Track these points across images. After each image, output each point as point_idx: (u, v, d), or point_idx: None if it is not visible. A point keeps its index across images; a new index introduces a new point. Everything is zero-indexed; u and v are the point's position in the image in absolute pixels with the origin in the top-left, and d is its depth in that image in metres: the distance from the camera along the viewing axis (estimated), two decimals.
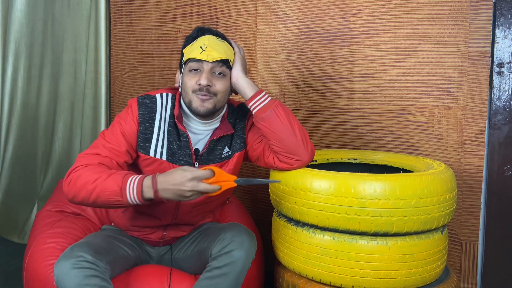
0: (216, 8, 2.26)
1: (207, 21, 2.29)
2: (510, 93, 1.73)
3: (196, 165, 1.48)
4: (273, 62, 2.14)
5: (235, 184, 1.31)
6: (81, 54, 2.73)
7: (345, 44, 1.96)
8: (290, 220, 1.54)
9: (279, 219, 1.60)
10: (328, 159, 1.83)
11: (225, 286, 1.34)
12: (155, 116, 1.47)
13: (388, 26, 1.88)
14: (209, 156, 1.51)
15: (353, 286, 1.40)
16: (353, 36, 1.94)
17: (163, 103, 1.50)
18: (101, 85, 2.72)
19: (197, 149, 1.50)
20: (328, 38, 1.99)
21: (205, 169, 1.28)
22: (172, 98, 1.52)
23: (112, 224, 1.65)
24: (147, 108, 1.47)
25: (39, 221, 1.76)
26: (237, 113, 1.60)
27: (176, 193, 1.26)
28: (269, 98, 1.48)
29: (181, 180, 1.25)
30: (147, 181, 1.28)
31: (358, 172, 1.41)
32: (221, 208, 1.77)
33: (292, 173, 1.48)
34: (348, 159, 1.84)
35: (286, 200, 1.49)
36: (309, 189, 1.40)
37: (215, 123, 1.52)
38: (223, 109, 1.53)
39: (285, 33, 2.09)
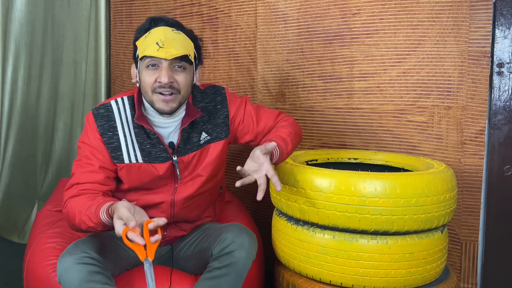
0: (216, 8, 2.27)
1: (207, 21, 2.29)
2: (510, 93, 1.73)
3: (175, 158, 1.46)
4: (273, 62, 2.14)
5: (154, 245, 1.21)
6: (81, 54, 2.73)
7: (345, 44, 1.96)
8: (290, 218, 1.54)
9: (279, 218, 1.60)
10: (328, 159, 1.83)
11: (226, 287, 1.33)
12: (115, 123, 1.44)
13: (388, 26, 1.88)
14: (186, 145, 1.48)
15: (353, 285, 1.41)
16: (353, 36, 1.95)
17: (119, 108, 1.46)
18: (101, 85, 2.72)
19: (171, 142, 1.47)
20: (328, 38, 2.00)
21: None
22: (129, 100, 1.48)
23: None
24: (104, 118, 1.44)
25: (39, 221, 1.76)
26: (209, 96, 1.55)
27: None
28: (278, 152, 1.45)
29: (116, 215, 1.22)
30: (110, 210, 1.27)
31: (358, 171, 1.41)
32: (221, 204, 1.76)
33: (293, 171, 1.48)
34: (349, 159, 1.84)
35: (286, 198, 1.49)
36: (310, 187, 1.41)
37: (180, 113, 1.47)
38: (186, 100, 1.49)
39: (285, 33, 2.10)
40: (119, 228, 1.17)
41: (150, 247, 1.18)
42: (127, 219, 1.17)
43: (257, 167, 1.33)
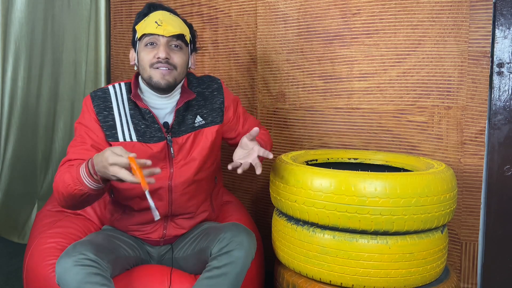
0: (216, 8, 2.27)
1: (207, 21, 2.29)
2: (510, 93, 1.73)
3: (169, 137, 1.50)
4: (273, 62, 2.14)
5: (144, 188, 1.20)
6: (81, 54, 2.73)
7: (345, 44, 1.96)
8: (290, 218, 1.54)
9: (279, 218, 1.60)
10: (328, 159, 1.83)
11: (225, 286, 1.34)
12: (111, 104, 1.50)
13: (388, 26, 1.88)
14: (180, 127, 1.52)
15: (353, 285, 1.41)
16: (353, 36, 1.95)
17: (116, 91, 1.53)
18: (101, 85, 2.72)
19: (166, 123, 1.52)
20: (328, 38, 2.00)
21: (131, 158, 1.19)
22: (126, 85, 1.55)
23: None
24: (101, 99, 1.51)
25: (39, 221, 1.76)
26: (205, 83, 1.63)
27: (105, 173, 1.21)
28: None
29: (104, 164, 1.20)
30: (89, 164, 1.27)
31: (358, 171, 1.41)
32: (218, 199, 1.76)
33: (292, 171, 1.48)
34: (349, 159, 1.84)
35: (286, 198, 1.49)
36: (310, 187, 1.41)
37: (176, 95, 1.54)
38: (181, 82, 1.56)
39: (285, 33, 2.10)
40: (120, 160, 1.17)
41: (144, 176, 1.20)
42: (125, 154, 1.18)
43: (247, 152, 1.44)
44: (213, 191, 1.69)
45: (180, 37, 1.47)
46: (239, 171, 1.38)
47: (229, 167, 1.38)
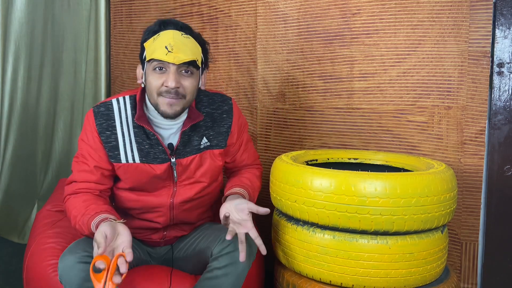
0: (216, 8, 2.27)
1: (207, 21, 2.29)
2: (510, 93, 1.73)
3: (173, 160, 1.45)
4: (273, 62, 2.14)
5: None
6: (81, 54, 2.73)
7: (345, 44, 1.96)
8: (290, 218, 1.54)
9: (279, 218, 1.60)
10: (328, 159, 1.83)
11: (226, 287, 1.34)
12: (114, 122, 1.44)
13: (388, 26, 1.88)
14: (185, 148, 1.47)
15: (353, 285, 1.40)
16: (353, 36, 1.95)
17: (120, 107, 1.46)
18: (101, 85, 2.72)
19: (171, 144, 1.47)
20: (328, 38, 2.00)
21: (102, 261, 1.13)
22: (130, 100, 1.47)
23: None
24: (104, 116, 1.44)
25: (39, 221, 1.76)
26: (216, 103, 1.55)
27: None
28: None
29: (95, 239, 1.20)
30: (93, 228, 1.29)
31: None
32: (219, 205, 1.76)
33: (293, 171, 1.48)
34: (349, 159, 1.84)
35: (286, 198, 1.49)
36: (310, 187, 1.40)
37: (182, 116, 1.46)
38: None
39: (285, 33, 2.10)
40: (94, 252, 1.19)
41: (110, 285, 1.12)
42: (98, 244, 1.16)
43: (240, 221, 1.36)
44: (217, 201, 1.69)
45: (192, 63, 1.37)
46: (228, 237, 1.31)
47: (228, 237, 1.31)
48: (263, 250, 1.33)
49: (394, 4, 1.86)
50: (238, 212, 1.36)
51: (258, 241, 1.33)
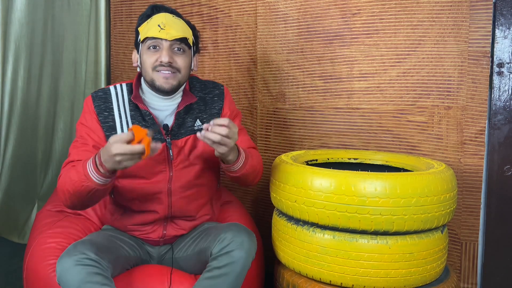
0: (216, 8, 2.27)
1: (207, 21, 2.29)
2: (510, 93, 1.73)
3: (168, 139, 1.49)
4: (273, 62, 2.14)
5: (149, 139, 1.21)
6: (81, 54, 2.73)
7: (345, 44, 1.96)
8: (290, 218, 1.54)
9: (279, 218, 1.60)
10: (328, 159, 1.83)
11: (225, 286, 1.33)
12: (111, 105, 1.50)
13: (388, 26, 1.88)
14: (180, 129, 1.52)
15: (353, 285, 1.41)
16: (353, 36, 1.95)
17: (117, 92, 1.53)
18: (101, 85, 2.72)
19: (166, 125, 1.50)
20: (328, 38, 2.00)
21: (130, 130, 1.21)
22: (127, 86, 1.55)
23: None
24: (101, 99, 1.51)
25: (39, 221, 1.76)
26: (207, 88, 1.61)
27: (110, 160, 1.22)
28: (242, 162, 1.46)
29: (108, 147, 1.21)
30: (96, 158, 1.27)
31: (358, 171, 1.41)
32: (218, 202, 1.76)
33: (293, 171, 1.48)
34: (349, 159, 1.84)
35: (286, 198, 1.49)
36: (310, 187, 1.41)
37: (177, 98, 1.53)
38: (184, 84, 1.55)
39: (285, 33, 2.10)
40: (122, 136, 1.19)
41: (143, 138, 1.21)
42: (124, 136, 1.19)
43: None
44: (214, 196, 1.69)
45: (183, 40, 1.47)
46: (199, 135, 1.30)
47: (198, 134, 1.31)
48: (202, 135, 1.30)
49: (394, 4, 1.86)
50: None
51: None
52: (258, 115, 2.22)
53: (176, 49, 1.47)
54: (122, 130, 1.48)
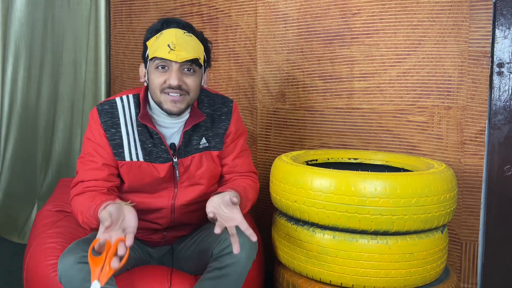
0: (216, 8, 2.27)
1: (207, 21, 2.29)
2: (510, 93, 1.73)
3: (175, 159, 1.46)
4: (273, 62, 2.14)
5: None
6: (81, 54, 2.73)
7: (345, 44, 1.96)
8: (290, 218, 1.54)
9: (279, 218, 1.60)
10: (328, 159, 1.83)
11: (226, 287, 1.33)
12: (118, 120, 1.44)
13: (388, 26, 1.88)
14: (186, 148, 1.47)
15: (353, 285, 1.41)
16: (353, 36, 1.95)
17: (124, 106, 1.46)
18: (101, 85, 2.72)
19: (173, 144, 1.47)
20: (328, 38, 2.00)
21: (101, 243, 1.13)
22: (134, 98, 1.47)
23: None
24: (108, 114, 1.44)
25: (39, 221, 1.76)
26: (216, 104, 1.54)
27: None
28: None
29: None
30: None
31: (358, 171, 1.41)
32: None
33: (293, 171, 1.48)
34: (349, 159, 1.84)
35: (286, 198, 1.49)
36: (310, 187, 1.41)
37: (185, 115, 1.47)
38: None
39: (285, 33, 2.10)
40: (99, 234, 1.16)
41: (107, 271, 1.09)
42: (103, 221, 1.15)
43: (228, 215, 1.29)
44: None
45: (194, 61, 1.38)
46: (217, 231, 1.23)
47: (217, 231, 1.23)
48: (254, 237, 1.26)
49: (394, 4, 1.86)
50: (225, 206, 1.31)
51: (249, 232, 1.26)
52: (258, 115, 2.21)
53: (186, 69, 1.39)
54: (130, 148, 1.44)
